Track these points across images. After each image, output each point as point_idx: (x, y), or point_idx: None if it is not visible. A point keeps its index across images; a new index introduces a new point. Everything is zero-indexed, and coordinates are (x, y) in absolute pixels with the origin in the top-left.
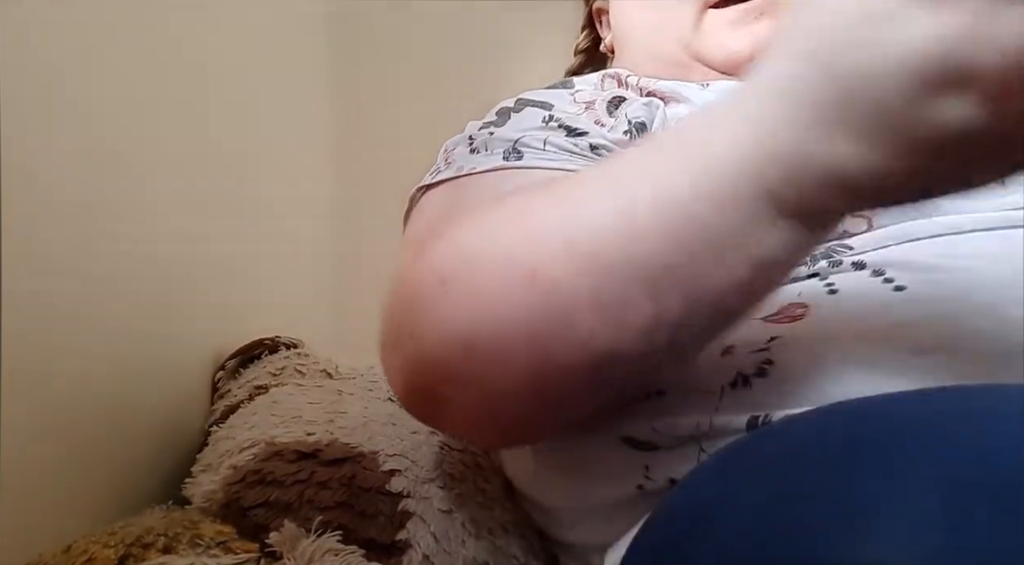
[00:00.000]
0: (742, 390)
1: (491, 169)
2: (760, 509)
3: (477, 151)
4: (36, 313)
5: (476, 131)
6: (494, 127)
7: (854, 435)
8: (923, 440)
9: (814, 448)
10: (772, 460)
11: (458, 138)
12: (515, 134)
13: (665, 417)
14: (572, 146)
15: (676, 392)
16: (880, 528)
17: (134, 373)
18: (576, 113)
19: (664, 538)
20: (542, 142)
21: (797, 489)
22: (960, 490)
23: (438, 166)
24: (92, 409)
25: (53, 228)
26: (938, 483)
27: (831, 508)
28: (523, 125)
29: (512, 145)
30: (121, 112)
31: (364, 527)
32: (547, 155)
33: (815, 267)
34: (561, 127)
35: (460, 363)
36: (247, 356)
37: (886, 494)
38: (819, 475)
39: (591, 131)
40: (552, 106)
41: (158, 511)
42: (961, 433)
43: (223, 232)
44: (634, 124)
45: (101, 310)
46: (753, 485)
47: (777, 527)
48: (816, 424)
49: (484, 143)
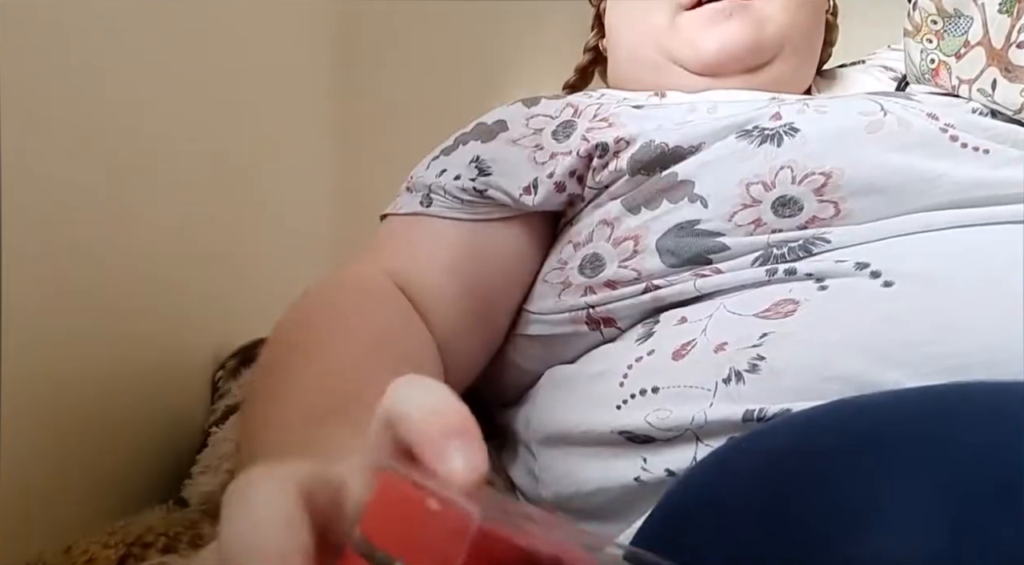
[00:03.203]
0: (735, 385)
1: (409, 213)
2: (760, 506)
3: (411, 190)
4: (36, 313)
5: (428, 162)
6: (443, 156)
7: (854, 433)
8: (922, 438)
9: (814, 445)
10: (772, 457)
11: (417, 169)
12: (431, 180)
13: (660, 411)
14: (462, 194)
15: (670, 387)
16: (879, 525)
17: (134, 373)
18: (521, 136)
19: (666, 534)
20: (443, 191)
21: (797, 486)
22: (960, 488)
23: (400, 190)
24: (92, 409)
25: (53, 228)
26: (937, 481)
27: (830, 505)
28: (453, 161)
29: (427, 192)
30: (121, 112)
31: None
32: (447, 203)
33: (794, 262)
34: (478, 168)
35: None
36: (247, 356)
37: (885, 492)
38: (818, 473)
39: (495, 172)
40: (502, 129)
41: (158, 511)
42: (961, 431)
43: (223, 232)
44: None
45: (101, 310)
46: (753, 482)
47: (777, 524)
48: (815, 421)
49: (416, 183)
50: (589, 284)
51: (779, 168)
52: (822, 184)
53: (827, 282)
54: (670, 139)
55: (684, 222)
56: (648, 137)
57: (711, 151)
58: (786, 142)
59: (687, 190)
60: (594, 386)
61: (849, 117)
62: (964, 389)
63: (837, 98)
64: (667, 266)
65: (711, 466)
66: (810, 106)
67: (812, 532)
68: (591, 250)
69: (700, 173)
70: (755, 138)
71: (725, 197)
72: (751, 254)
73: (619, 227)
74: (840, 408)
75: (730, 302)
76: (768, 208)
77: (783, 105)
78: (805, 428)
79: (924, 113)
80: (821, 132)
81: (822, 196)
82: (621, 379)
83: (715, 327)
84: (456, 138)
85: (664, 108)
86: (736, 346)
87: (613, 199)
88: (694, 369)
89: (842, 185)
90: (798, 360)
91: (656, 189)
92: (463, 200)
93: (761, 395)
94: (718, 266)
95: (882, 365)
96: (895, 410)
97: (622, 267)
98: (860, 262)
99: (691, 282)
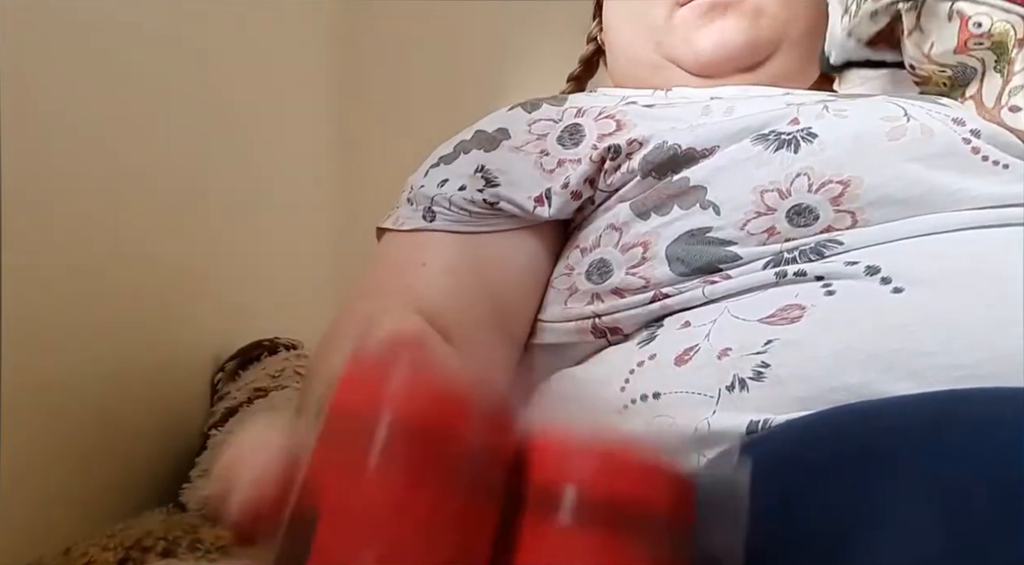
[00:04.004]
0: (739, 393)
1: (412, 229)
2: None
3: (411, 202)
4: (36, 314)
5: (427, 169)
6: (443, 164)
7: (852, 440)
8: (921, 445)
9: (813, 452)
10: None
11: (413, 177)
12: (433, 192)
13: (661, 418)
14: (470, 206)
15: (672, 393)
16: (877, 532)
17: (134, 375)
18: (525, 142)
19: None
20: (448, 203)
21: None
22: (958, 495)
23: (399, 201)
24: (92, 411)
25: (53, 229)
26: (936, 488)
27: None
28: (455, 171)
29: (430, 204)
30: (122, 112)
31: None
32: (453, 216)
33: (805, 264)
34: (484, 178)
35: None
36: (246, 358)
37: (884, 499)
38: (817, 480)
39: (503, 183)
40: (504, 137)
41: (157, 514)
42: (959, 438)
43: (223, 233)
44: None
45: (101, 312)
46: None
47: (776, 530)
48: (814, 428)
49: (416, 195)
50: (596, 291)
51: (795, 175)
52: (839, 193)
53: (834, 287)
54: (683, 140)
55: (695, 229)
56: (661, 138)
57: (725, 155)
58: (803, 148)
59: (699, 196)
60: (595, 391)
61: (870, 122)
62: (963, 396)
63: (860, 99)
64: (676, 274)
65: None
66: (830, 109)
67: (810, 539)
68: (598, 255)
69: (713, 178)
70: (771, 143)
71: (738, 204)
72: (761, 260)
73: (628, 232)
74: (839, 415)
75: (735, 306)
76: (783, 217)
77: (802, 107)
78: (804, 435)
79: (950, 118)
80: (840, 138)
81: (839, 206)
82: (623, 384)
83: (719, 332)
84: (456, 146)
85: (676, 107)
86: (740, 352)
87: (622, 202)
88: (697, 375)
89: (860, 195)
90: (803, 369)
91: (667, 194)
92: (471, 212)
93: (766, 404)
94: (728, 272)
95: (889, 375)
96: (894, 417)
97: (630, 274)
98: (870, 266)
99: (700, 289)
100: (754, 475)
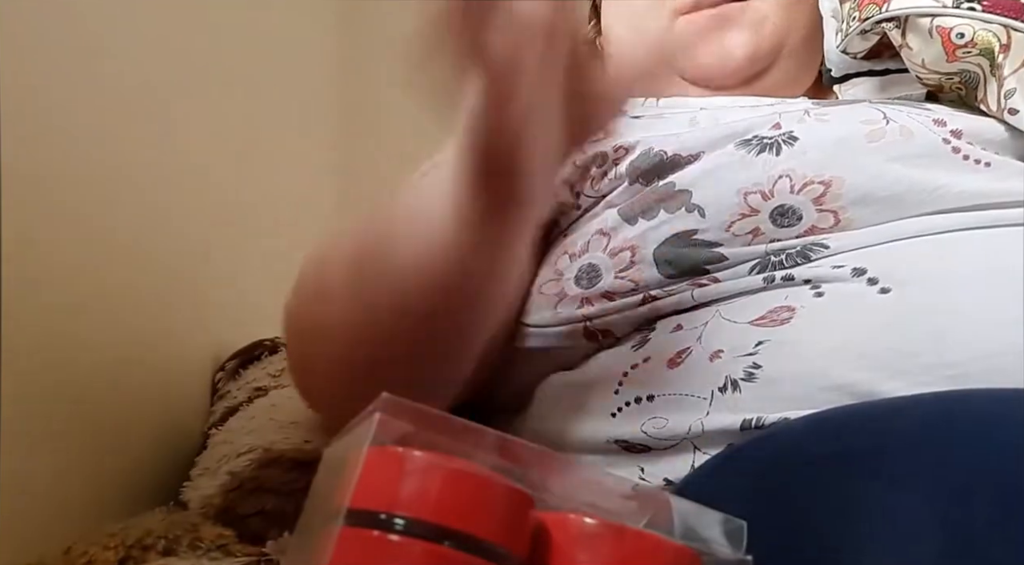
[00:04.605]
0: (732, 394)
1: None
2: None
3: None
4: (36, 313)
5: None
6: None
7: (850, 441)
8: (918, 446)
9: (811, 454)
10: (768, 465)
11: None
12: None
13: (655, 420)
14: None
15: (665, 395)
16: (874, 534)
17: (134, 374)
18: None
19: None
20: None
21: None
22: (955, 497)
23: None
24: (92, 410)
25: (53, 228)
26: (933, 490)
27: (826, 514)
28: None
29: None
30: (122, 112)
31: None
32: None
33: (792, 268)
34: None
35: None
36: (247, 357)
37: (881, 500)
38: (815, 481)
39: None
40: None
41: (158, 513)
42: (961, 439)
43: (223, 232)
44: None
45: (101, 311)
46: (749, 490)
47: (773, 532)
48: (812, 430)
49: None
50: (586, 295)
51: (778, 177)
52: (821, 193)
53: (823, 289)
54: (669, 147)
55: (682, 232)
56: (648, 145)
57: (709, 160)
58: (785, 151)
59: (684, 199)
60: (589, 394)
61: (850, 125)
62: (962, 396)
63: (841, 105)
64: (664, 277)
65: (707, 474)
66: (811, 114)
67: (808, 540)
68: (587, 261)
69: (698, 182)
70: (754, 147)
71: (723, 207)
72: (749, 262)
73: (616, 237)
74: (836, 416)
75: (726, 309)
76: (767, 218)
77: (784, 113)
78: (801, 436)
79: (931, 120)
80: (820, 141)
81: (821, 205)
82: (616, 387)
83: (710, 335)
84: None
85: (664, 119)
86: (731, 354)
87: (610, 207)
88: (689, 377)
89: (842, 194)
90: (794, 369)
91: (653, 199)
92: None
93: (758, 404)
94: (716, 275)
95: (880, 374)
96: (891, 419)
97: (619, 278)
98: (857, 268)
99: (688, 292)
100: (754, 475)
